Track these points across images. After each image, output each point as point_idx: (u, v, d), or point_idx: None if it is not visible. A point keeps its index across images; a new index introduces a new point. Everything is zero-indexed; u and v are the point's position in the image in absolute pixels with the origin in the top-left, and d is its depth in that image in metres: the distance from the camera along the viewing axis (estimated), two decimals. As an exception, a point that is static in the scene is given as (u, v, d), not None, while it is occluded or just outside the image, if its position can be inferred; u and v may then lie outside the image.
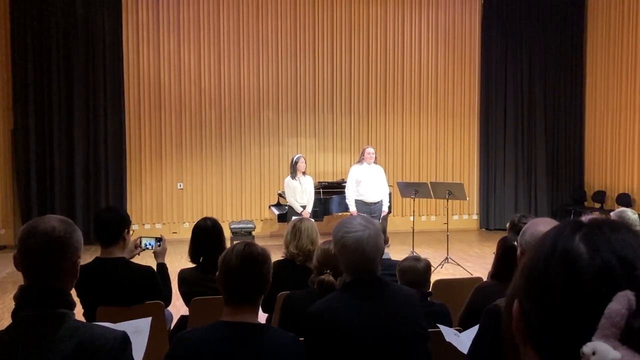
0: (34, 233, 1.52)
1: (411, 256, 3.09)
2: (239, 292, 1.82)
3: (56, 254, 1.52)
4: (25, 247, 1.53)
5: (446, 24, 10.22)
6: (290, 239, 3.31)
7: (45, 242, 1.51)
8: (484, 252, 8.34)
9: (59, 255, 1.52)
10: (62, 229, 1.54)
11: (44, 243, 1.51)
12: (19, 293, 1.50)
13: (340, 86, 9.87)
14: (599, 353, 0.54)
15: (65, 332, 1.44)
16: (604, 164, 9.96)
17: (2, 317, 5.30)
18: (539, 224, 2.07)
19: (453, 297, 3.35)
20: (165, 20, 9.23)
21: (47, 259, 1.51)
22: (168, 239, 3.67)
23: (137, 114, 9.21)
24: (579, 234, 0.62)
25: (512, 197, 10.33)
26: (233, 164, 9.56)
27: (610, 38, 9.71)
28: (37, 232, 1.52)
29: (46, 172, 8.65)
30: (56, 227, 1.53)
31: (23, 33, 8.50)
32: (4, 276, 7.01)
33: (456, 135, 10.34)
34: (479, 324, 2.13)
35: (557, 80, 10.41)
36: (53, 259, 1.52)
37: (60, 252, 1.52)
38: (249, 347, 1.74)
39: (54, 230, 1.52)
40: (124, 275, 2.95)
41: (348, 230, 2.08)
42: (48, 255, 1.51)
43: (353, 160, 8.80)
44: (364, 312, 2.03)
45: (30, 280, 1.52)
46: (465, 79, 10.33)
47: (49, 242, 1.51)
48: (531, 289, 0.63)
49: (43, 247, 1.51)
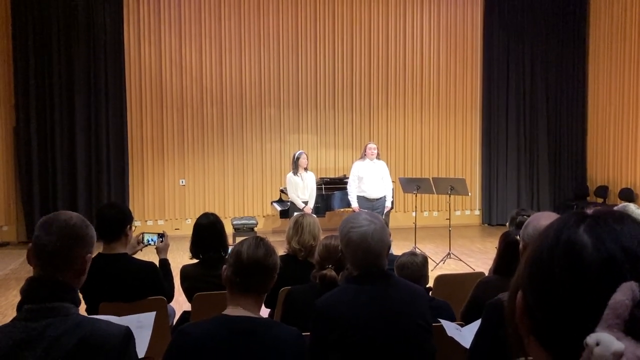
0: (53, 219, 1.59)
1: (408, 252, 3.09)
2: (246, 280, 1.82)
3: (70, 242, 1.56)
4: (41, 234, 1.57)
5: (448, 19, 10.20)
6: (292, 234, 3.32)
7: (63, 227, 1.57)
8: (486, 247, 8.34)
9: (72, 244, 1.57)
10: (80, 221, 1.62)
11: (62, 229, 1.57)
12: (25, 285, 1.51)
13: (342, 82, 9.86)
14: (602, 344, 0.54)
15: (69, 326, 1.45)
16: (606, 158, 9.94)
17: (5, 313, 5.31)
18: (542, 218, 2.07)
19: (455, 292, 3.35)
20: (166, 16, 9.22)
21: (61, 246, 1.54)
22: (170, 235, 3.68)
23: (139, 110, 9.21)
24: (584, 225, 0.62)
25: (514, 192, 10.32)
26: (235, 160, 9.56)
27: (613, 33, 9.67)
28: (56, 219, 1.59)
29: (48, 169, 8.66)
30: (74, 217, 1.62)
31: (24, 30, 8.50)
32: (7, 273, 7.03)
33: (458, 130, 10.32)
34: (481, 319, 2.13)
35: (560, 75, 10.38)
36: (67, 247, 1.55)
37: (75, 242, 1.57)
38: (251, 341, 1.74)
39: (71, 219, 1.60)
40: (126, 271, 2.95)
41: (353, 226, 2.10)
42: (63, 242, 1.55)
43: (355, 157, 8.80)
44: (371, 306, 2.04)
45: (40, 271, 1.54)
46: (467, 75, 10.31)
47: (66, 229, 1.57)
48: (535, 280, 0.63)
49: (60, 232, 1.56)
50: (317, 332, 2.05)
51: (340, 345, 2.00)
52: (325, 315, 2.04)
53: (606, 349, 0.54)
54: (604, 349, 0.54)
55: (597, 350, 0.54)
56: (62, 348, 1.41)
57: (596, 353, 0.54)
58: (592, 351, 0.54)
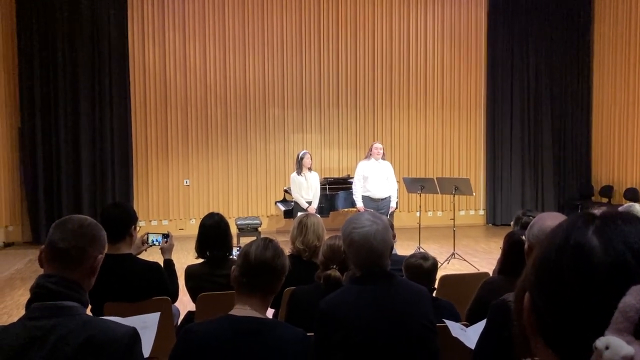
0: (67, 220, 1.66)
1: (419, 253, 3.05)
2: (253, 281, 1.82)
3: (84, 241, 1.61)
4: (56, 233, 1.61)
5: (452, 18, 10.18)
6: (296, 234, 3.31)
7: (77, 227, 1.63)
8: (490, 247, 8.32)
9: (86, 244, 1.61)
10: (94, 223, 1.69)
11: (76, 228, 1.63)
12: (35, 283, 1.52)
13: (346, 82, 9.86)
14: (612, 348, 0.54)
15: (76, 325, 1.45)
16: (611, 158, 9.91)
17: (10, 313, 5.32)
18: (547, 218, 2.06)
19: (460, 293, 3.34)
20: (170, 16, 9.24)
21: (75, 245, 1.58)
22: (175, 235, 3.68)
23: (143, 110, 9.23)
24: (592, 227, 0.62)
25: (518, 192, 10.30)
26: (239, 160, 9.57)
27: (618, 31, 9.64)
28: (71, 220, 1.66)
29: (53, 169, 8.69)
30: (88, 219, 1.70)
31: (29, 30, 8.52)
32: (12, 272, 7.05)
33: (462, 130, 10.30)
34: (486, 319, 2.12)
35: (564, 74, 10.35)
36: (81, 246, 1.59)
37: (87, 241, 1.62)
38: (256, 341, 1.74)
39: (86, 220, 1.68)
40: (131, 271, 2.95)
41: (356, 226, 2.10)
42: (77, 242, 1.59)
43: (359, 156, 8.79)
44: (374, 306, 2.04)
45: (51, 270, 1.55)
46: (471, 74, 10.29)
47: (80, 228, 1.63)
48: (543, 281, 0.63)
49: (75, 232, 1.61)
50: (320, 332, 2.05)
51: (344, 346, 2.00)
52: (329, 316, 2.04)
53: (615, 353, 0.53)
54: (613, 352, 0.53)
55: (607, 354, 0.54)
56: (69, 347, 1.42)
57: (605, 357, 0.54)
58: (601, 355, 0.54)
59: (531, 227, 2.07)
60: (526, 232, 2.12)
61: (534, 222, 2.08)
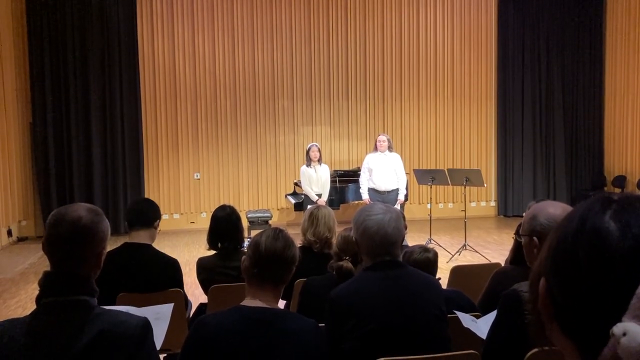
0: (61, 221, 1.55)
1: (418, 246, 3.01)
2: (263, 272, 1.83)
3: (81, 243, 1.54)
4: (51, 234, 1.55)
5: (462, 9, 10.09)
6: (307, 226, 3.32)
7: (71, 230, 1.53)
8: (502, 238, 8.28)
9: (83, 245, 1.54)
10: (89, 218, 1.56)
11: (70, 231, 1.53)
12: (43, 278, 1.52)
13: (355, 73, 9.82)
14: (630, 334, 0.53)
15: (88, 318, 1.45)
16: (624, 148, 9.80)
17: (25, 307, 5.39)
18: (549, 206, 2.00)
19: (471, 284, 3.33)
20: (179, 9, 9.24)
21: (72, 247, 1.53)
22: (186, 229, 3.70)
23: (153, 104, 9.26)
24: (610, 211, 0.60)
25: (530, 183, 10.23)
26: (249, 153, 9.58)
27: (631, 20, 9.51)
28: (64, 220, 1.54)
29: (65, 164, 8.76)
30: (83, 216, 1.56)
31: (39, 26, 8.57)
32: (26, 267, 7.12)
33: (473, 121, 10.24)
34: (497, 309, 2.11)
35: (576, 63, 10.24)
36: (78, 248, 1.54)
37: (85, 242, 1.54)
38: (268, 332, 1.75)
39: (80, 219, 1.55)
40: (149, 260, 2.97)
41: (369, 214, 2.10)
42: (73, 244, 1.53)
43: (369, 148, 8.77)
44: (385, 295, 2.04)
45: (55, 266, 1.54)
46: (482, 64, 10.21)
47: (75, 231, 1.53)
48: (559, 267, 0.62)
49: (69, 235, 1.53)
50: (331, 321, 2.06)
51: (355, 335, 2.01)
52: (339, 305, 2.04)
53: (633, 339, 0.53)
54: (631, 339, 0.53)
55: (624, 341, 0.53)
56: (81, 340, 1.42)
57: (623, 344, 0.53)
58: (618, 341, 0.53)
59: (535, 217, 1.98)
60: (524, 224, 2.05)
61: (535, 213, 1.99)
